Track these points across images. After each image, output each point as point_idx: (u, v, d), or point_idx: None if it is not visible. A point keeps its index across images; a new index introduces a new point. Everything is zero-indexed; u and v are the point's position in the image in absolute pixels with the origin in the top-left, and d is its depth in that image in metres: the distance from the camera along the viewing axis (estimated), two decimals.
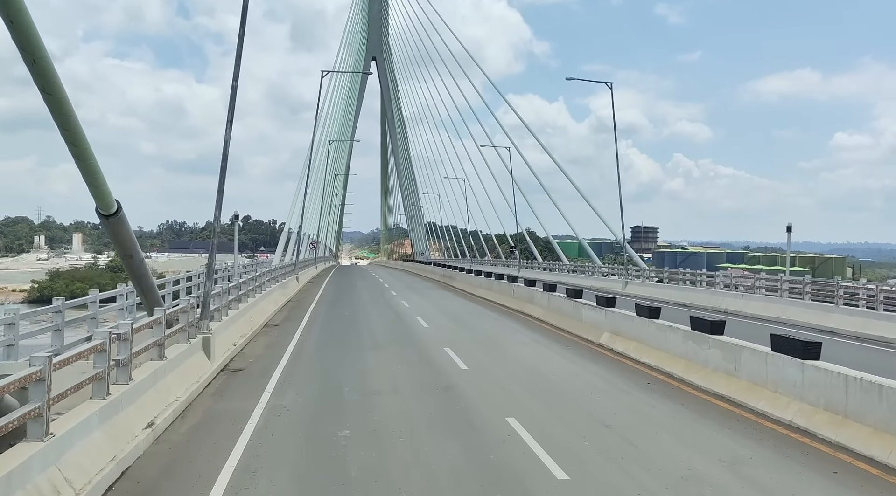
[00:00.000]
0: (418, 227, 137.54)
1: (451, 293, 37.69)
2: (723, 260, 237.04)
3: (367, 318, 24.57)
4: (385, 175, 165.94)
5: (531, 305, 25.51)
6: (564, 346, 18.04)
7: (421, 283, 48.08)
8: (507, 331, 21.14)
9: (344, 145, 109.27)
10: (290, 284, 36.32)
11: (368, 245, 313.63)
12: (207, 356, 14.09)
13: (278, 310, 26.92)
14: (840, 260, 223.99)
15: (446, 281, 46.88)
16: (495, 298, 31.08)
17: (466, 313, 26.73)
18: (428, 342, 18.63)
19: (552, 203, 57.30)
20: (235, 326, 18.06)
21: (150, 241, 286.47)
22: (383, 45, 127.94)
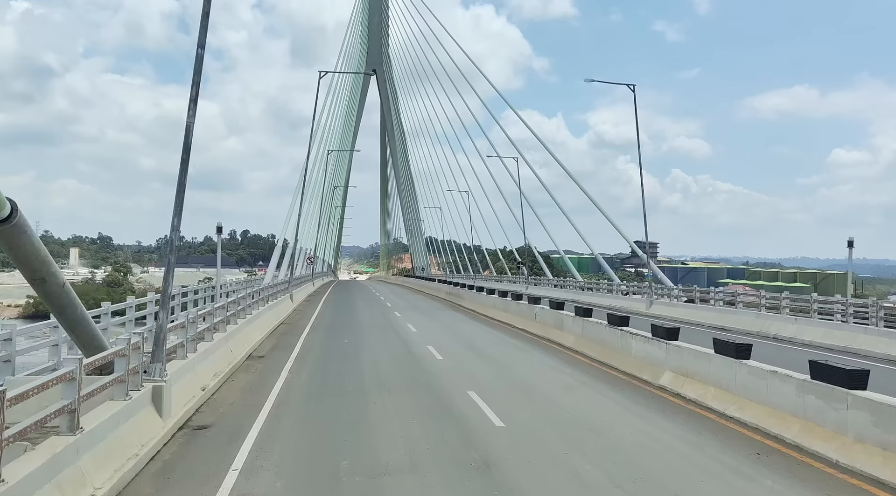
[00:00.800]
0: (418, 241, 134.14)
1: (461, 314, 33.99)
2: (723, 275, 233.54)
3: (369, 348, 20.87)
4: (384, 189, 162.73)
5: (560, 332, 21.85)
6: (618, 390, 14.33)
7: (426, 302, 44.38)
8: (539, 367, 17.44)
9: (343, 159, 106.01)
10: (284, 304, 32.66)
11: (367, 260, 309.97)
12: (159, 412, 10.42)
13: (267, 336, 23.23)
14: (842, 275, 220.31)
15: (453, 299, 43.20)
16: (513, 321, 27.40)
17: (484, 341, 23.03)
18: (446, 383, 14.94)
19: (556, 217, 53.93)
20: (208, 363, 14.39)
21: (147, 255, 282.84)
22: (383, 58, 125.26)
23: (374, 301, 45.86)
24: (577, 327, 20.41)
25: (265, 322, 24.75)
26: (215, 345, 15.60)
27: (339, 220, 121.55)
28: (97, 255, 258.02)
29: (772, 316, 26.70)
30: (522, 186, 59.23)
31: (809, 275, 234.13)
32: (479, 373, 16.39)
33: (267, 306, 26.86)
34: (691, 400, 12.92)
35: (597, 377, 15.89)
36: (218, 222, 24.09)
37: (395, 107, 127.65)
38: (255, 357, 18.83)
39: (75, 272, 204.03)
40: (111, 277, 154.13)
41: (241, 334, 19.26)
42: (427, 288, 61.43)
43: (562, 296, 47.70)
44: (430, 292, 56.81)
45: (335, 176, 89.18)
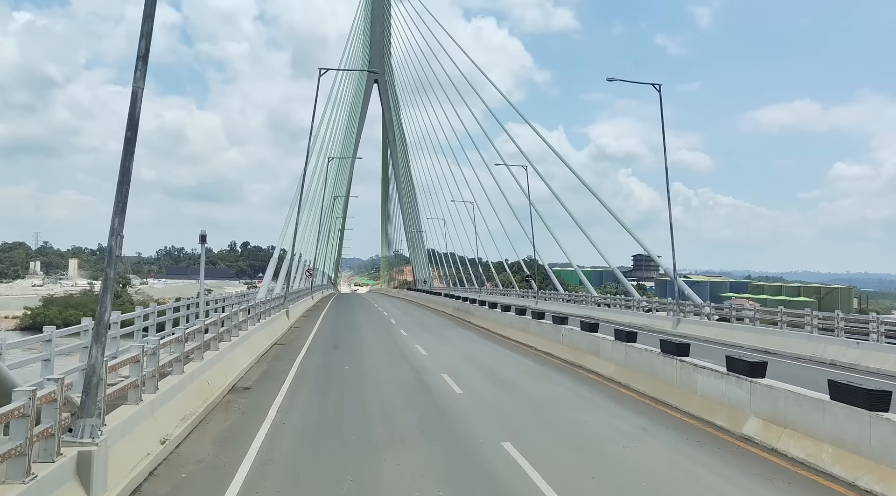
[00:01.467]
0: (420, 253, 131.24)
1: (473, 333, 30.86)
2: (726, 289, 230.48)
3: (374, 377, 17.78)
4: (385, 200, 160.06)
5: (595, 359, 18.75)
6: (692, 442, 11.17)
7: (432, 319, 41.26)
8: (582, 405, 14.31)
9: (344, 169, 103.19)
10: (279, 321, 29.61)
11: (368, 272, 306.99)
12: (86, 489, 7.39)
13: (256, 360, 20.17)
14: (847, 290, 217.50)
15: (462, 316, 40.05)
16: (534, 343, 24.29)
17: (506, 368, 19.91)
18: (473, 428, 11.85)
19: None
20: (173, 404, 11.34)
21: (147, 267, 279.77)
22: (385, 67, 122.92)
23: (377, 317, 42.77)
24: (617, 354, 17.33)
25: (256, 343, 21.68)
26: (186, 379, 12.55)
27: (339, 231, 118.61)
28: (97, 266, 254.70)
29: (826, 338, 23.62)
30: (522, 198, 56.27)
31: (813, 289, 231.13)
32: (511, 413, 13.32)
33: (258, 325, 23.81)
34: (797, 460, 9.84)
35: (657, 420, 12.80)
36: (202, 230, 21.04)
37: (397, 116, 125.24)
38: (240, 389, 15.76)
39: (74, 283, 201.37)
40: None
41: (224, 361, 16.21)
42: (431, 302, 58.29)
43: (576, 313, 44.64)
44: (435, 307, 53.67)
45: (336, 186, 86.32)
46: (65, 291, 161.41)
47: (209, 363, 14.62)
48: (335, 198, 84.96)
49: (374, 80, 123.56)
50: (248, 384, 16.42)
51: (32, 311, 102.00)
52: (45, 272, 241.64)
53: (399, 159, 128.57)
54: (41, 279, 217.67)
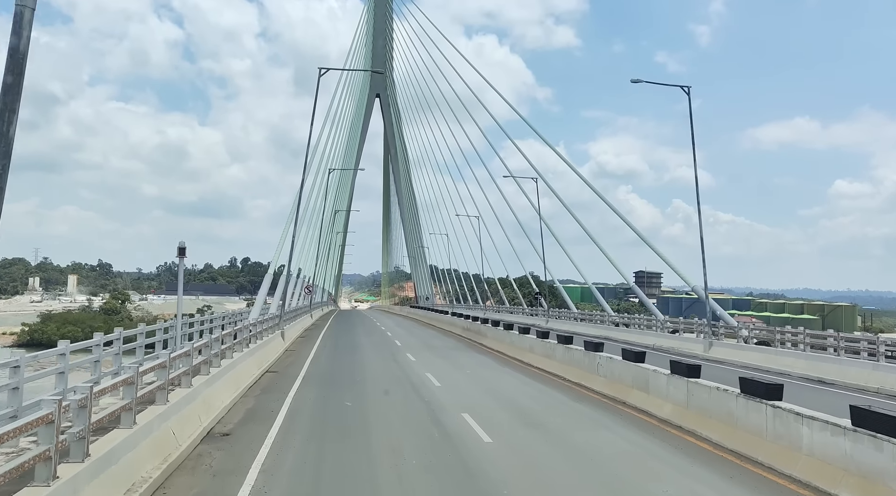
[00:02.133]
0: (422, 269, 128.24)
1: (489, 358, 27.62)
2: (728, 306, 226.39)
3: (382, 419, 14.62)
4: (387, 216, 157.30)
5: (645, 396, 15.58)
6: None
7: (440, 340, 38.02)
8: (647, 462, 11.04)
9: (345, 184, 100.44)
10: (272, 344, 26.50)
11: (368, 288, 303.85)
12: None
13: (242, 394, 17.05)
14: (850, 308, 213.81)
15: (472, 337, 36.81)
16: (562, 373, 21.12)
17: (537, 403, 16.70)
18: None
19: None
20: (110, 475, 8.21)
21: (147, 282, 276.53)
22: (387, 82, 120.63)
23: (380, 337, 39.60)
24: (676, 392, 14.19)
25: (243, 373, 18.56)
26: (139, 433, 9.45)
27: (340, 246, 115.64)
28: (96, 283, 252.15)
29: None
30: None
31: (817, 307, 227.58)
32: (560, 474, 10.21)
33: (248, 351, 20.70)
34: None
35: (757, 490, 9.68)
36: (180, 242, 17.99)
37: (399, 131, 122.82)
38: (217, 436, 12.65)
39: (72, 299, 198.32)
40: (109, 305, 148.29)
41: (199, 400, 13.10)
42: (436, 321, 55.01)
43: (591, 333, 41.51)
44: (441, 326, 50.43)
45: (337, 200, 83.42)
46: (63, 307, 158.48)
47: (176, 406, 11.52)
48: (336, 212, 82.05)
49: (375, 94, 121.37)
50: (228, 428, 13.30)
51: (30, 328, 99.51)
52: (44, 288, 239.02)
53: (401, 175, 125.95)
54: (40, 295, 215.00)
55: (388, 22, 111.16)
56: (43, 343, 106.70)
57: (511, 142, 61.25)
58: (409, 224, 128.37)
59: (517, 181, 58.94)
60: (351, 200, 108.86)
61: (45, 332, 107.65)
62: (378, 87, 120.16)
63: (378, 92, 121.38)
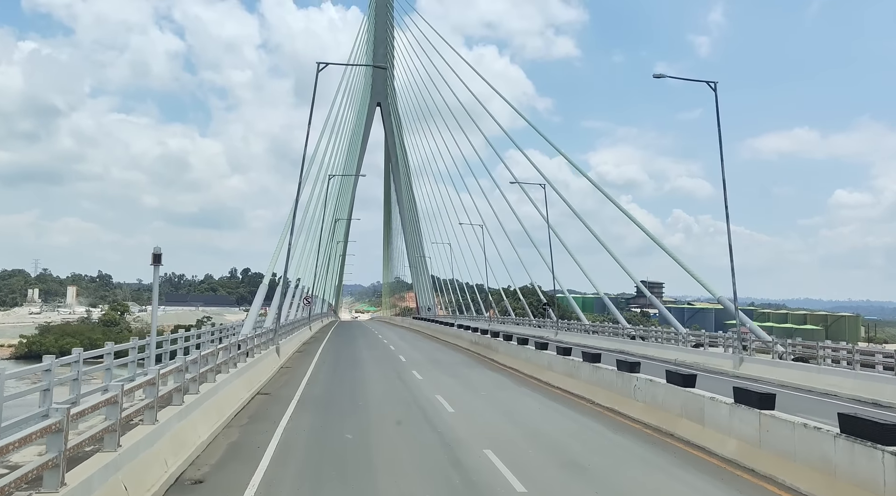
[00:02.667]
0: (423, 279, 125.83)
1: (503, 377, 24.96)
2: (730, 317, 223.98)
3: (389, 457, 12.10)
4: (388, 226, 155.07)
5: (697, 427, 13.08)
6: None
7: (447, 355, 35.38)
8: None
9: (345, 193, 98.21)
10: (266, 361, 24.04)
11: (369, 298, 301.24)
12: None
13: (225, 423, 14.59)
14: (854, 318, 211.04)
15: (482, 352, 34.25)
16: (590, 395, 18.60)
17: (570, 437, 14.15)
18: None
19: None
20: None
21: (147, 294, 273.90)
22: (388, 91, 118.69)
23: (383, 351, 37.08)
24: (743, 425, 11.70)
25: (228, 398, 16.10)
26: (74, 493, 7.03)
27: (340, 256, 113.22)
28: (96, 294, 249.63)
29: None
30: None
31: (820, 317, 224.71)
32: None
33: (235, 371, 18.24)
34: None
35: None
36: (155, 247, 15.55)
37: (400, 140, 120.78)
38: (187, 483, 10.19)
39: (72, 311, 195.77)
40: (108, 316, 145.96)
41: (165, 440, 10.62)
42: (441, 333, 52.42)
43: (605, 346, 39.04)
44: (446, 339, 47.84)
45: (337, 209, 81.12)
46: (62, 319, 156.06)
47: (132, 451, 9.08)
48: (336, 220, 79.67)
49: (376, 103, 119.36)
50: (203, 472, 10.84)
51: (28, 340, 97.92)
52: (43, 300, 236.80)
53: (402, 184, 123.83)
54: (39, 307, 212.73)
55: (388, 30, 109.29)
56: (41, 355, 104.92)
57: (518, 149, 59.08)
58: (411, 234, 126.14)
59: (523, 188, 56.72)
60: (352, 209, 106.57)
61: (44, 344, 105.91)
62: (379, 95, 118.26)
63: (379, 100, 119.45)
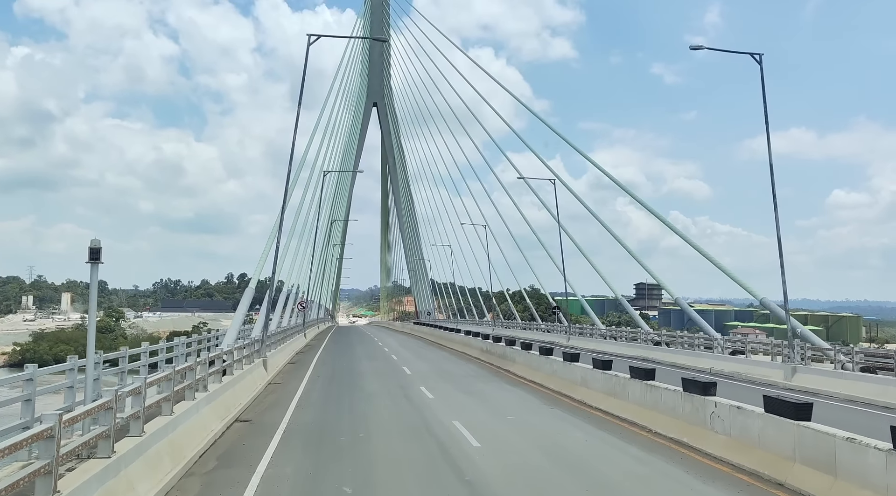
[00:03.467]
0: (422, 283, 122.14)
1: (528, 394, 20.97)
2: (731, 318, 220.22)
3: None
4: (385, 229, 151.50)
5: (830, 481, 9.39)
6: None
7: (457, 366, 31.25)
8: None
9: (342, 195, 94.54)
10: (249, 378, 20.36)
11: (366, 302, 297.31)
12: None
13: (182, 473, 10.85)
14: (855, 319, 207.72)
15: (495, 362, 30.27)
16: (641, 420, 14.85)
17: (645, 487, 10.54)
18: None
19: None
20: None
21: (143, 300, 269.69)
22: (384, 90, 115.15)
23: (385, 362, 33.29)
24: (873, 473, 8.09)
25: (189, 435, 12.35)
26: None
27: (337, 259, 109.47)
28: None
29: None
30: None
31: (821, 317, 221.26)
32: None
33: (205, 395, 14.55)
34: None
35: None
36: (93, 240, 11.86)
37: (397, 141, 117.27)
38: None
39: (66, 317, 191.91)
40: (102, 323, 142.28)
41: (113, 485, 7.00)
42: (446, 340, 48.46)
43: (628, 352, 35.46)
44: (452, 347, 43.87)
45: (334, 210, 77.42)
46: (57, 326, 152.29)
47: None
48: (332, 221, 75.95)
49: (373, 103, 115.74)
50: None
51: (22, 347, 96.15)
52: (38, 306, 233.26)
53: (400, 186, 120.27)
54: (33, 314, 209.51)
55: (384, 30, 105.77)
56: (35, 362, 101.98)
57: (525, 146, 55.44)
58: (409, 237, 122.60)
59: (529, 184, 53.12)
60: (349, 211, 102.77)
61: (37, 352, 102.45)
62: (375, 95, 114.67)
63: (375, 100, 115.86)
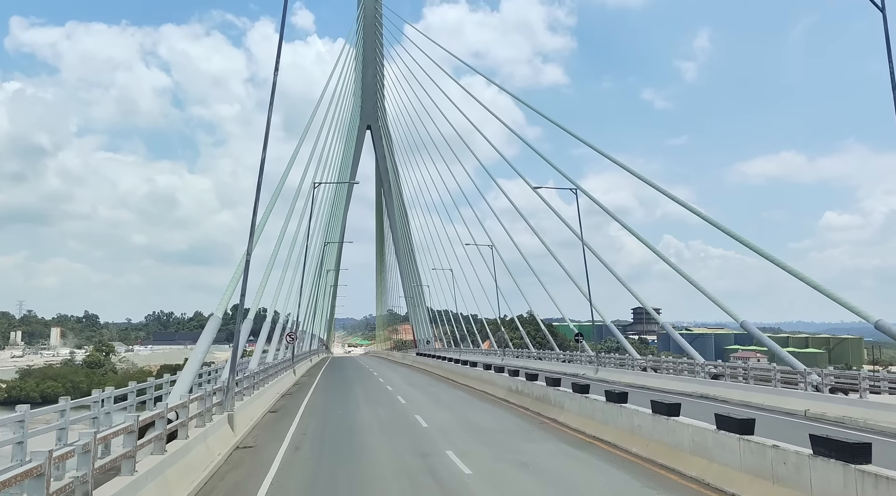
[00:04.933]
0: (420, 311, 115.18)
1: (613, 467, 13.96)
2: (731, 341, 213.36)
3: None
4: (380, 256, 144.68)
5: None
6: None
7: (488, 415, 23.73)
8: None
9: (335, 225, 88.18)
10: (204, 444, 13.59)
11: (361, 331, 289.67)
12: None
13: None
14: (857, 341, 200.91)
15: (533, 407, 22.74)
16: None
17: None
18: None
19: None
20: None
21: (135, 333, 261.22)
22: (379, 113, 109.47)
23: (391, 409, 25.78)
24: None
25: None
26: None
27: (332, 287, 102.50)
28: (82, 334, 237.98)
29: None
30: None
31: (822, 340, 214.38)
32: None
33: (143, 474, 7.80)
34: None
35: None
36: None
37: (392, 164, 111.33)
38: None
39: (55, 353, 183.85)
40: (92, 357, 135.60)
41: None
42: (457, 375, 40.77)
43: (679, 388, 28.87)
44: (470, 384, 35.79)
45: (329, 231, 70.76)
46: (45, 362, 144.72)
47: None
48: (326, 243, 69.19)
49: (366, 126, 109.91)
50: None
51: (8, 385, 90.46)
52: (27, 342, 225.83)
53: (396, 210, 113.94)
54: (21, 350, 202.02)
55: (377, 56, 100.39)
56: (21, 400, 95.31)
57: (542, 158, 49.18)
58: (406, 262, 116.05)
59: (542, 198, 46.78)
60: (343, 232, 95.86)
61: (24, 389, 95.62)
62: (369, 118, 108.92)
63: (369, 123, 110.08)
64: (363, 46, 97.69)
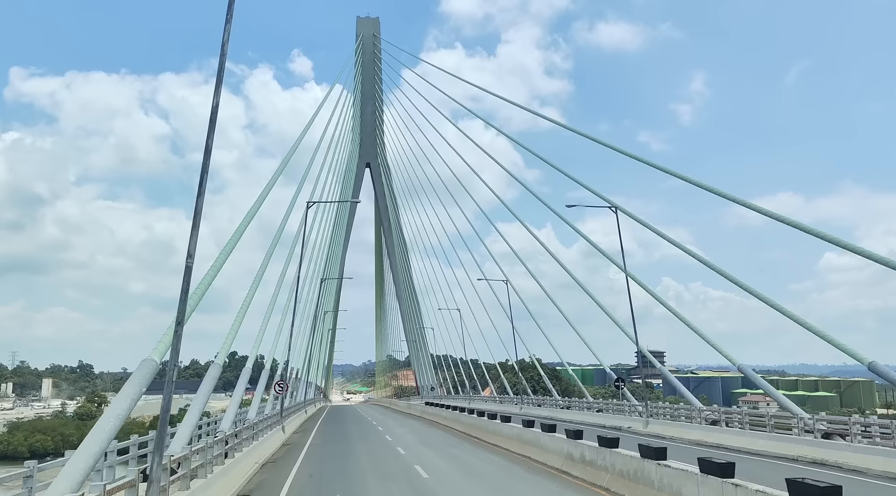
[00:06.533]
0: (423, 356, 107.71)
1: None
2: (738, 385, 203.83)
3: None
4: (380, 300, 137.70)
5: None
6: None
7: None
8: None
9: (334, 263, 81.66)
10: None
11: (361, 378, 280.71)
12: None
13: None
14: (868, 384, 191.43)
15: (616, 489, 15.89)
16: None
17: None
18: None
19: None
20: None
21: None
22: (378, 151, 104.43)
23: (411, 486, 18.25)
24: None
25: None
26: None
27: (330, 330, 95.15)
28: (76, 385, 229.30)
29: None
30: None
31: (832, 383, 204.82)
32: None
33: None
34: None
35: None
36: None
37: (393, 204, 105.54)
38: None
39: (46, 405, 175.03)
40: (83, 409, 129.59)
41: None
42: (485, 433, 31.11)
43: (778, 451, 21.63)
44: (504, 445, 27.37)
45: (328, 269, 63.95)
46: (35, 414, 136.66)
47: None
48: (323, 280, 62.15)
49: (366, 164, 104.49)
50: None
51: None
52: (18, 393, 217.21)
53: (396, 249, 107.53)
54: (11, 402, 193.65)
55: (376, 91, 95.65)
56: (9, 455, 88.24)
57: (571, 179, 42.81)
58: (407, 305, 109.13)
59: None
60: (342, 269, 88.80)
61: (11, 443, 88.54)
62: (369, 155, 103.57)
63: (369, 161, 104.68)
64: (361, 89, 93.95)
